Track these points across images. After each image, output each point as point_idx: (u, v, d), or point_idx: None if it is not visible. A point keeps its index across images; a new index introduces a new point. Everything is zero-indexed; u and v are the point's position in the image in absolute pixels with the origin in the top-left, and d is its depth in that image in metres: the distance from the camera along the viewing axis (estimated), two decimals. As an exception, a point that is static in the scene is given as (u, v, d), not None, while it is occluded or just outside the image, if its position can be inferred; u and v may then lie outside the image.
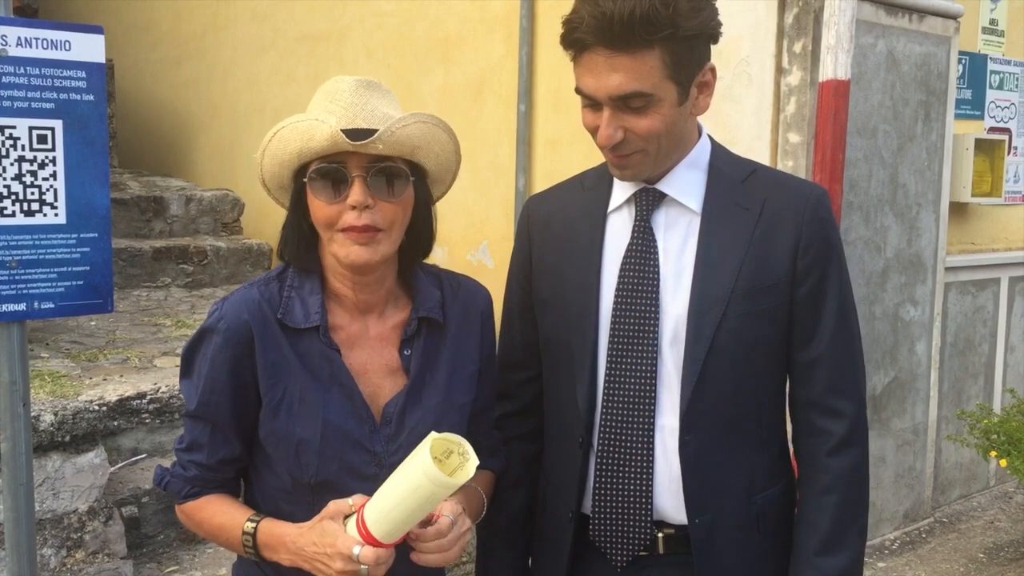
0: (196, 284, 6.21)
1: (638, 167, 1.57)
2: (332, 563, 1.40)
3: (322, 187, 1.50)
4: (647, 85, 1.47)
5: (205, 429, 1.57)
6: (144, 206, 6.54)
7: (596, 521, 1.63)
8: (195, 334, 1.58)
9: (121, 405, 3.61)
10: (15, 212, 2.23)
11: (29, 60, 2.21)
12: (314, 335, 1.54)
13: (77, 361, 4.12)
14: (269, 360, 1.52)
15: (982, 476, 5.17)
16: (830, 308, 1.59)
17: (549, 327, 1.70)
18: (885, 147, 4.23)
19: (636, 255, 1.61)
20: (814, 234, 1.58)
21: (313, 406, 1.52)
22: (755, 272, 1.56)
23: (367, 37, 6.68)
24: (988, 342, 5.09)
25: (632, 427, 1.59)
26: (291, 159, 1.52)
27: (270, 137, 1.54)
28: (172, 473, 1.62)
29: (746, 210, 1.59)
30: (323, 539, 1.42)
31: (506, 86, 5.82)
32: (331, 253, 1.54)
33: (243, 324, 1.52)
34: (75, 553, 3.12)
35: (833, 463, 1.59)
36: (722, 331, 1.55)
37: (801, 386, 1.62)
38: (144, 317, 5.23)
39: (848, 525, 1.58)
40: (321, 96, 1.54)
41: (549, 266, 1.71)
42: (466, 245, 6.19)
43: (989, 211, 5.15)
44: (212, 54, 8.14)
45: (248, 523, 1.52)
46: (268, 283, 1.57)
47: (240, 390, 1.53)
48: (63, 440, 3.19)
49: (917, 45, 4.29)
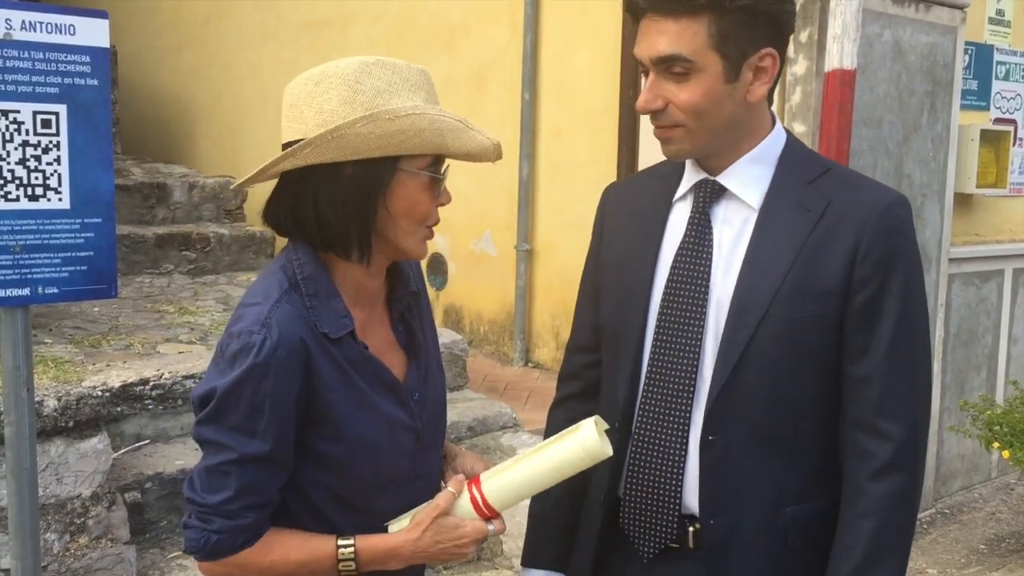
0: (199, 271, 6.21)
1: (680, 143, 1.53)
2: (465, 549, 1.50)
3: (431, 183, 1.49)
4: (688, 50, 1.45)
5: (260, 469, 1.42)
6: (147, 192, 6.54)
7: (626, 506, 1.62)
8: (239, 373, 1.39)
9: (124, 391, 3.61)
10: (19, 197, 2.23)
11: (33, 44, 2.20)
12: (349, 339, 1.50)
13: (80, 347, 4.13)
14: (326, 373, 1.46)
15: (984, 467, 5.17)
16: (887, 323, 1.50)
17: (605, 313, 1.69)
18: (890, 137, 4.21)
19: (690, 247, 1.58)
20: (876, 243, 1.49)
21: (374, 408, 1.51)
22: (805, 276, 1.49)
23: (370, 25, 6.66)
24: (991, 333, 5.08)
25: (668, 418, 1.56)
26: (411, 149, 1.45)
27: (399, 116, 1.42)
28: (218, 530, 1.42)
29: (807, 211, 1.52)
30: (445, 534, 1.48)
31: (510, 74, 5.80)
32: (403, 247, 1.52)
33: (300, 343, 1.42)
34: (78, 538, 3.12)
35: (873, 487, 1.50)
36: (760, 334, 1.49)
37: (850, 402, 1.54)
38: (147, 304, 5.23)
39: (882, 555, 1.50)
40: (399, 79, 1.47)
41: (613, 252, 1.70)
42: (468, 234, 6.18)
43: (994, 202, 5.14)
44: (215, 41, 8.13)
45: (342, 549, 1.46)
46: (290, 298, 1.46)
47: (300, 414, 1.45)
48: (66, 425, 3.20)
49: (923, 35, 4.27)
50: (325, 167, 1.44)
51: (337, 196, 1.45)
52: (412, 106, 1.44)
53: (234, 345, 1.41)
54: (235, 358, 1.40)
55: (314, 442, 1.47)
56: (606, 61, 5.27)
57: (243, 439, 1.40)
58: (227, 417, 1.41)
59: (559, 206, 5.60)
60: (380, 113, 1.41)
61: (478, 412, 4.44)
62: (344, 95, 1.44)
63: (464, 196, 6.23)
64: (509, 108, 5.77)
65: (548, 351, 5.76)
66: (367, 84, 1.44)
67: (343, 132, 1.40)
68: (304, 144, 1.42)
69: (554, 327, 5.70)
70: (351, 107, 1.43)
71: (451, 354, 4.63)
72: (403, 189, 1.47)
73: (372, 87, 1.44)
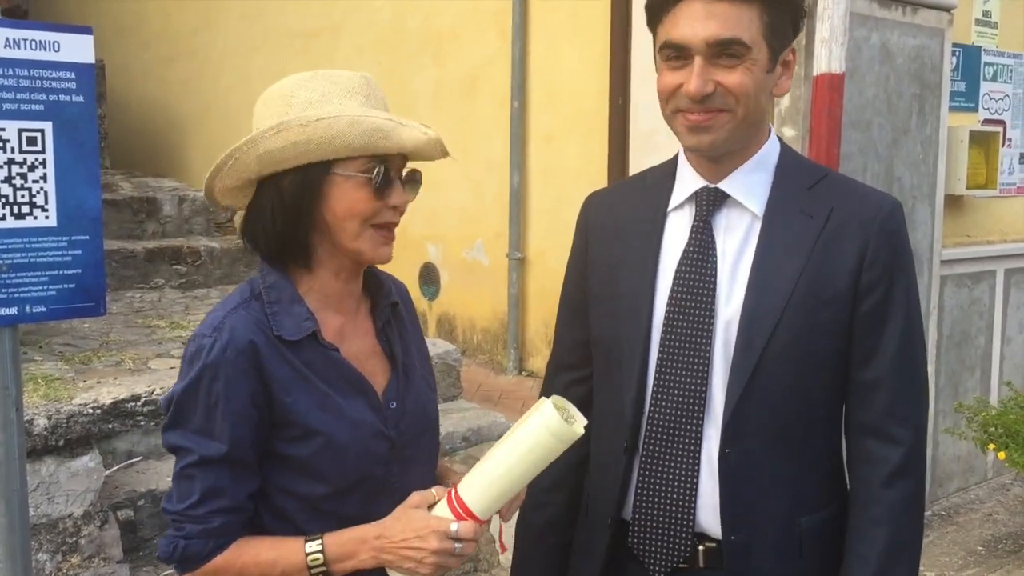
0: (190, 285, 6.18)
1: (721, 130, 1.48)
2: (427, 543, 1.42)
3: (364, 183, 1.48)
4: (747, 35, 1.43)
5: (223, 471, 1.46)
6: (137, 207, 6.51)
7: (636, 528, 1.58)
8: (191, 376, 1.45)
9: (115, 408, 3.58)
10: (5, 215, 2.21)
11: (18, 61, 2.18)
12: (312, 342, 1.51)
13: (71, 364, 4.10)
14: (282, 377, 1.48)
15: (979, 469, 5.17)
16: (893, 327, 1.51)
17: (601, 327, 1.65)
18: (880, 140, 4.22)
19: (693, 257, 1.55)
20: (881, 247, 1.50)
21: (337, 410, 1.51)
22: (814, 283, 1.49)
23: (359, 34, 6.65)
24: (984, 334, 5.08)
25: (679, 434, 1.53)
26: (333, 153, 1.45)
27: (296, 126, 1.43)
28: (187, 535, 1.48)
29: (810, 218, 1.52)
30: (413, 524, 1.44)
31: (499, 82, 5.79)
32: (352, 249, 1.51)
33: (250, 346, 1.46)
34: (71, 558, 3.09)
35: (885, 494, 1.51)
36: (774, 343, 1.48)
37: (858, 408, 1.55)
38: (138, 319, 5.20)
39: (897, 560, 1.51)
40: (335, 88, 1.49)
41: (604, 264, 1.66)
42: (460, 243, 6.17)
43: (984, 203, 5.15)
44: (203, 53, 8.11)
45: (310, 544, 1.47)
46: (248, 304, 1.51)
47: (259, 417, 1.48)
48: (57, 444, 3.17)
49: (911, 38, 4.28)
50: (269, 181, 1.49)
51: (279, 206, 1.49)
52: (329, 111, 1.46)
53: (190, 349, 1.48)
54: (191, 362, 1.47)
55: (279, 446, 1.50)
56: (595, 66, 5.27)
57: (202, 440, 1.46)
58: (187, 420, 1.47)
59: (551, 213, 5.59)
60: (290, 121, 1.45)
61: (472, 422, 4.42)
62: (279, 111, 1.50)
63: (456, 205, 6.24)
64: (499, 116, 5.76)
65: (542, 359, 5.74)
66: (300, 97, 1.49)
67: (257, 144, 1.45)
68: (227, 157, 1.47)
69: (547, 335, 5.69)
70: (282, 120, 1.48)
71: (445, 364, 4.61)
72: (338, 192, 1.48)
73: (304, 99, 1.49)
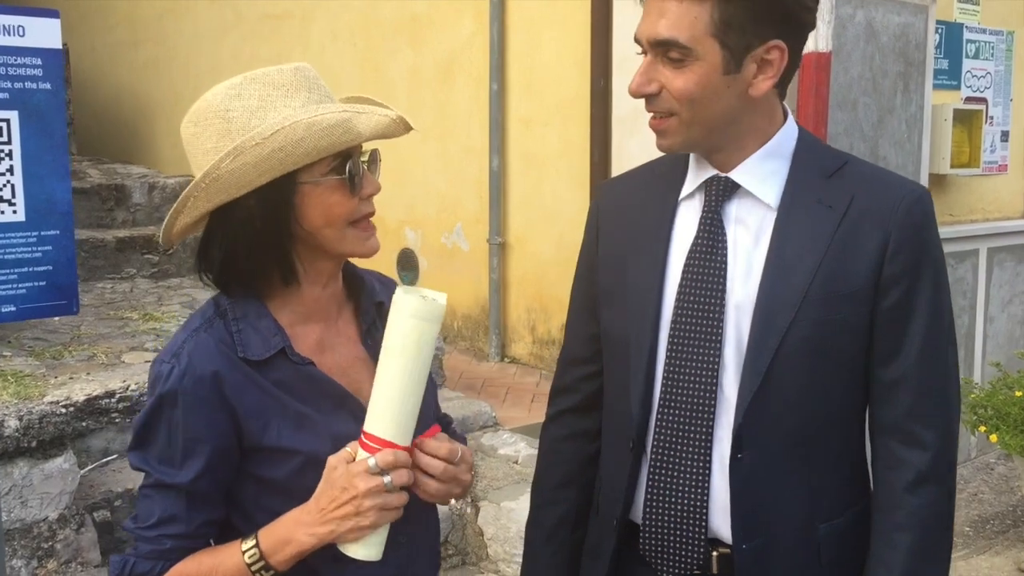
0: (163, 274, 6.06)
1: (673, 135, 1.44)
2: (354, 488, 1.33)
3: (337, 185, 1.40)
4: (686, 36, 1.37)
5: (179, 499, 1.40)
6: (105, 195, 6.36)
7: (647, 533, 1.52)
8: (151, 403, 1.40)
9: (89, 405, 3.47)
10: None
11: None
12: (282, 359, 1.42)
13: (42, 359, 3.97)
14: (250, 403, 1.40)
15: (964, 448, 5.17)
16: (919, 323, 1.43)
17: (609, 321, 1.58)
18: (865, 120, 4.17)
19: (702, 250, 1.48)
20: (905, 239, 1.42)
21: (314, 427, 1.43)
22: (833, 277, 1.42)
23: (333, 18, 6.52)
24: (968, 313, 5.07)
25: (689, 436, 1.47)
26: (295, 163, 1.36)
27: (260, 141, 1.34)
28: (138, 554, 1.42)
29: (829, 208, 1.44)
30: (335, 483, 1.35)
31: (477, 65, 5.70)
32: (340, 251, 1.45)
33: (210, 375, 1.38)
34: (47, 563, 3.00)
35: (909, 500, 1.44)
36: (789, 340, 1.41)
37: (881, 407, 1.48)
38: (110, 311, 5.07)
39: (922, 568, 1.45)
40: (273, 90, 1.39)
41: (614, 256, 1.59)
42: (439, 228, 6.08)
43: (967, 182, 5.13)
44: (172, 36, 7.94)
45: (245, 541, 1.40)
46: (211, 325, 1.43)
47: (224, 445, 1.40)
48: (30, 446, 3.07)
49: (895, 15, 4.23)
50: (229, 208, 1.40)
51: (251, 230, 1.40)
52: (281, 119, 1.36)
53: (151, 374, 1.43)
54: (152, 388, 1.42)
55: (257, 469, 1.43)
56: (575, 50, 5.18)
57: (160, 467, 1.41)
58: (147, 445, 1.42)
59: (531, 198, 5.51)
60: (244, 144, 1.35)
61: (457, 412, 4.34)
62: (219, 129, 1.39)
63: (434, 189, 6.15)
64: (476, 100, 5.67)
65: (524, 345, 5.68)
66: (238, 108, 1.39)
67: (217, 175, 1.36)
68: (185, 198, 1.39)
69: (529, 321, 5.62)
70: (228, 139, 1.38)
71: (427, 353, 4.53)
72: (311, 200, 1.40)
73: (244, 109, 1.38)
